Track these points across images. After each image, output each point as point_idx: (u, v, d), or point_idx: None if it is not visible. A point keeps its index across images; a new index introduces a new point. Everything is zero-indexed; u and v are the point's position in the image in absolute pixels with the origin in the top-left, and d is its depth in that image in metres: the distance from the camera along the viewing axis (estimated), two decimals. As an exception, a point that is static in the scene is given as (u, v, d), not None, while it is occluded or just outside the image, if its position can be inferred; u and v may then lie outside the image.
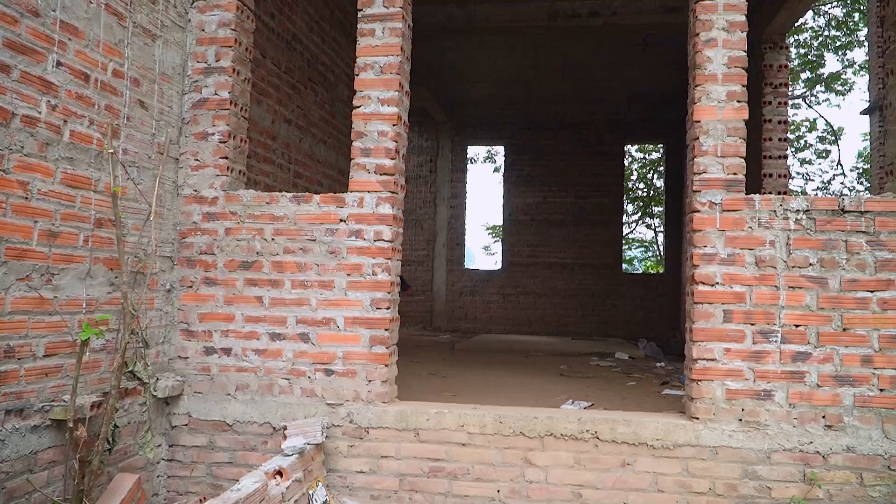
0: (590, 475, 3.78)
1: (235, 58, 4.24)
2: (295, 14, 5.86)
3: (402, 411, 3.96)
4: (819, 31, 15.83)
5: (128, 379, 3.59)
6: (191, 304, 4.15)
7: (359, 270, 4.03)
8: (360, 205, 4.06)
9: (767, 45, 7.13)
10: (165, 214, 4.10)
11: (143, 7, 3.84)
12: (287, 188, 5.79)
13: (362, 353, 4.01)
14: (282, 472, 3.42)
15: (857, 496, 3.59)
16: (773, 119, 7.06)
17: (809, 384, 3.67)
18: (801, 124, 16.94)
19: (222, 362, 4.11)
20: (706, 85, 3.83)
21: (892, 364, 3.62)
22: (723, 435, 3.70)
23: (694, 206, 3.83)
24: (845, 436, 3.63)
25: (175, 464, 4.10)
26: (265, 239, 4.12)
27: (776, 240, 3.73)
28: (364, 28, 4.12)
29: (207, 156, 4.19)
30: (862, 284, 3.66)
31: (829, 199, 3.72)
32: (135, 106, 3.79)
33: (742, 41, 3.82)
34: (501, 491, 3.84)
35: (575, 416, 3.87)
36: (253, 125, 5.14)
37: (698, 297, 3.78)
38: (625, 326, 11.33)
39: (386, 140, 4.06)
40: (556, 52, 9.54)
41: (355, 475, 3.95)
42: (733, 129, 3.80)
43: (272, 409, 4.04)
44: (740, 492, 3.66)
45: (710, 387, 3.74)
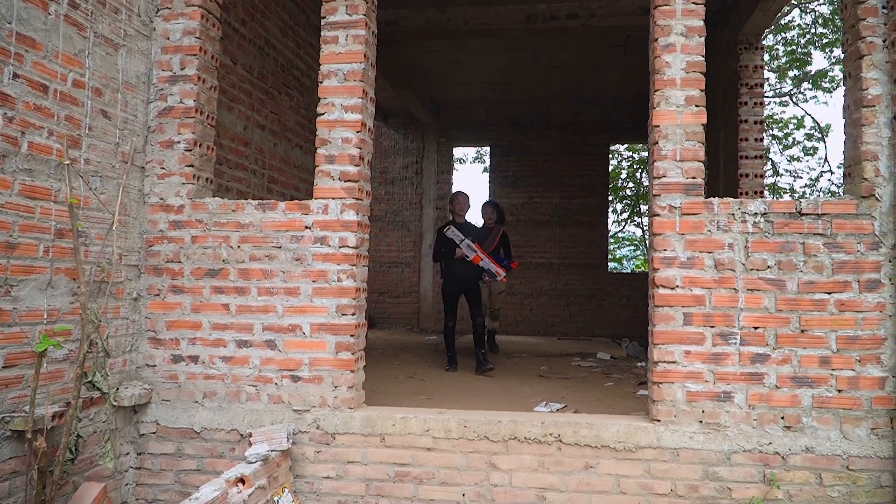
0: (553, 478, 3.81)
1: (201, 66, 4.26)
2: (268, 20, 5.88)
3: (368, 417, 3.98)
4: (806, 29, 15.85)
5: (88, 389, 3.61)
6: (158, 313, 4.17)
7: (324, 277, 4.05)
8: (325, 211, 4.08)
9: (743, 45, 7.16)
10: (131, 223, 4.11)
11: (104, 17, 3.86)
12: (261, 194, 5.82)
13: (328, 359, 4.03)
14: (244, 480, 3.44)
15: (817, 496, 3.62)
16: (750, 119, 7.09)
17: (768, 385, 3.70)
18: (788, 122, 16.98)
19: (190, 370, 4.13)
20: (665, 90, 3.86)
21: (850, 365, 3.65)
22: (684, 437, 3.73)
23: (654, 210, 3.86)
24: (804, 436, 3.66)
25: (143, 472, 4.12)
26: (231, 246, 4.14)
27: (735, 243, 3.76)
28: (327, 35, 4.14)
29: (173, 164, 4.21)
30: (819, 286, 3.69)
31: (786, 202, 3.76)
32: (97, 116, 3.80)
33: (700, 46, 3.85)
34: (466, 495, 3.87)
35: (538, 420, 3.90)
36: (224, 131, 5.17)
37: (659, 301, 3.81)
38: (611, 326, 11.36)
39: (350, 147, 4.08)
40: (539, 54, 9.56)
41: (322, 481, 3.97)
42: (692, 133, 3.83)
43: (239, 416, 4.06)
44: (701, 493, 3.69)
45: (671, 389, 3.77)
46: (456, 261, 6.91)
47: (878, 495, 3.60)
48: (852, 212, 3.70)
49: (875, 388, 3.65)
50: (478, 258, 6.86)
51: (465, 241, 6.79)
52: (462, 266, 6.91)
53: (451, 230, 6.87)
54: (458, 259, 6.88)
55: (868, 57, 3.74)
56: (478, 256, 6.85)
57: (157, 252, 4.19)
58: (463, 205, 7.10)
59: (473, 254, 6.81)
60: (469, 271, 6.94)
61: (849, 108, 3.91)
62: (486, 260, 6.89)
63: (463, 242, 6.79)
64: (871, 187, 3.70)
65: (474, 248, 6.82)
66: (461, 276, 6.94)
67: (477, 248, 6.84)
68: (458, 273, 6.94)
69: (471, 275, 6.97)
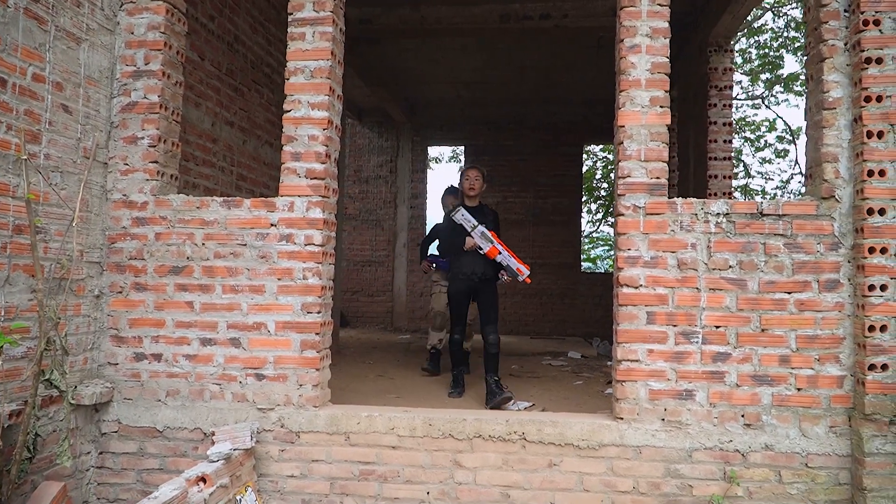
0: (517, 476, 3.82)
1: (165, 61, 4.21)
2: (237, 16, 5.84)
3: (333, 415, 3.97)
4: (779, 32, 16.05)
5: (46, 387, 3.56)
6: (120, 310, 4.13)
7: (289, 275, 4.03)
8: (291, 209, 4.05)
9: (713, 48, 7.23)
10: (93, 220, 4.06)
11: (66, 11, 3.80)
12: (230, 191, 5.77)
13: (293, 358, 4.01)
14: (205, 479, 3.41)
15: (776, 493, 3.67)
16: (718, 121, 7.16)
17: (729, 384, 3.74)
18: (761, 124, 17.19)
19: (153, 368, 4.09)
20: (630, 90, 3.89)
21: (809, 364, 3.70)
22: (646, 434, 3.76)
23: (618, 210, 3.89)
24: (764, 434, 3.71)
25: (105, 471, 4.07)
26: (196, 244, 4.10)
27: (697, 242, 3.80)
28: (294, 32, 4.12)
29: (137, 160, 4.16)
30: (780, 286, 3.74)
31: (747, 202, 3.80)
32: (57, 110, 3.75)
33: (665, 47, 3.88)
34: (431, 493, 3.87)
35: (503, 418, 3.91)
36: (191, 128, 5.12)
37: (622, 300, 3.83)
38: (583, 325, 11.42)
39: (316, 144, 4.06)
40: (514, 54, 9.58)
41: (286, 479, 3.95)
42: (656, 133, 3.86)
43: (203, 415, 4.03)
44: (663, 490, 3.72)
45: (634, 387, 3.80)
46: (465, 254, 5.56)
47: (836, 492, 3.66)
48: (812, 213, 3.75)
49: (834, 386, 3.71)
50: (494, 250, 5.46)
51: (478, 227, 5.50)
52: (474, 260, 5.56)
53: (461, 213, 5.58)
54: (468, 251, 5.54)
55: (829, 60, 3.79)
56: (495, 248, 5.46)
57: (120, 249, 4.14)
58: (474, 181, 5.69)
59: (489, 245, 5.47)
60: (483, 267, 5.56)
61: (810, 110, 3.96)
62: (505, 253, 5.47)
63: (476, 230, 5.50)
64: (831, 189, 3.75)
65: (490, 238, 5.46)
66: (472, 273, 5.57)
67: (494, 238, 5.48)
68: (469, 270, 5.58)
69: (485, 272, 5.57)
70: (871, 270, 3.60)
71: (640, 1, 3.89)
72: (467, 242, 5.50)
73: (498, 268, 5.55)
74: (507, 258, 5.42)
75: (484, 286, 5.60)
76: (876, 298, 3.59)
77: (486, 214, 5.71)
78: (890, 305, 3.59)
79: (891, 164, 3.63)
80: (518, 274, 5.39)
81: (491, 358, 5.34)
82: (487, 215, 5.73)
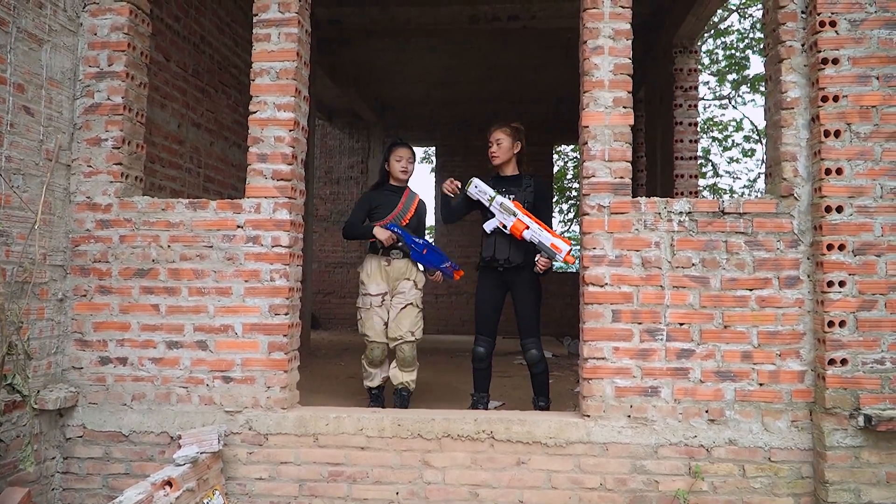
0: (486, 474, 3.84)
1: (129, 62, 4.17)
2: (203, 17, 5.80)
3: (301, 417, 3.96)
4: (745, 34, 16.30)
5: (8, 392, 3.51)
6: (85, 314, 4.08)
7: (256, 276, 4.02)
8: (258, 210, 4.04)
9: (678, 49, 7.33)
10: (56, 222, 4.01)
11: (28, 12, 3.76)
12: (197, 193, 5.73)
13: (261, 360, 4.00)
14: (171, 483, 3.38)
15: (740, 487, 3.73)
16: (684, 121, 7.27)
17: (693, 380, 3.80)
18: (728, 124, 17.45)
19: (118, 372, 4.05)
20: (594, 91, 3.93)
21: (771, 359, 3.77)
22: (612, 431, 3.80)
23: (584, 209, 3.93)
24: (727, 429, 3.77)
25: (70, 476, 4.02)
26: (161, 246, 4.07)
27: (661, 241, 3.85)
28: (259, 33, 4.10)
29: (100, 162, 4.11)
30: (741, 283, 3.81)
31: (709, 201, 3.86)
32: (19, 112, 3.70)
33: (627, 49, 3.92)
34: (400, 493, 3.88)
35: (472, 417, 3.93)
36: (157, 129, 5.08)
37: (588, 298, 3.87)
38: (555, 324, 11.47)
39: (283, 146, 4.05)
40: (483, 54, 9.63)
41: (255, 482, 3.93)
42: (620, 134, 3.91)
43: (170, 418, 4.00)
44: (629, 486, 3.77)
45: (601, 385, 3.84)
46: (490, 235, 4.52)
47: (798, 486, 3.72)
48: (772, 211, 3.82)
49: (795, 381, 3.78)
50: (520, 226, 4.33)
51: (496, 198, 4.42)
52: (498, 243, 4.48)
53: (473, 184, 4.55)
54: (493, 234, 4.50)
55: (787, 61, 3.86)
56: (519, 223, 4.33)
57: (84, 252, 4.10)
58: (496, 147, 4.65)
59: (512, 219, 4.35)
60: (508, 251, 4.46)
61: (769, 110, 4.04)
62: (535, 227, 4.34)
63: (494, 201, 4.42)
64: (790, 187, 3.83)
65: (514, 209, 4.37)
66: (493, 260, 4.51)
67: (519, 210, 4.38)
68: (490, 255, 4.51)
69: (512, 258, 4.48)
70: (830, 267, 3.68)
71: (603, 3, 3.94)
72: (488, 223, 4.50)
73: (535, 252, 4.41)
74: (537, 233, 4.31)
75: (516, 278, 4.51)
76: (835, 294, 3.67)
77: (522, 184, 4.59)
78: (848, 301, 3.67)
79: (848, 163, 3.71)
80: (554, 251, 4.31)
81: (536, 378, 4.52)
82: (524, 185, 4.58)
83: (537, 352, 4.50)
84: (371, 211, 4.95)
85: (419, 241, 4.83)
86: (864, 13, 3.75)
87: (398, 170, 4.94)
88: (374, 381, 4.99)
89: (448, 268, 4.92)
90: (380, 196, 4.99)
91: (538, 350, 4.51)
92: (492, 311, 4.65)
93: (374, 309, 4.83)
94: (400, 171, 4.95)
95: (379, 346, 4.86)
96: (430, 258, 4.82)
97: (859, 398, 3.62)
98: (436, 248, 4.89)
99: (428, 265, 4.89)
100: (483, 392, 4.71)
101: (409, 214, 4.94)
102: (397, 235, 4.79)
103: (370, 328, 4.84)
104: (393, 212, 4.88)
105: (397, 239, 4.80)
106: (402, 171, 4.95)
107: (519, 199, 4.50)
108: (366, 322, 4.86)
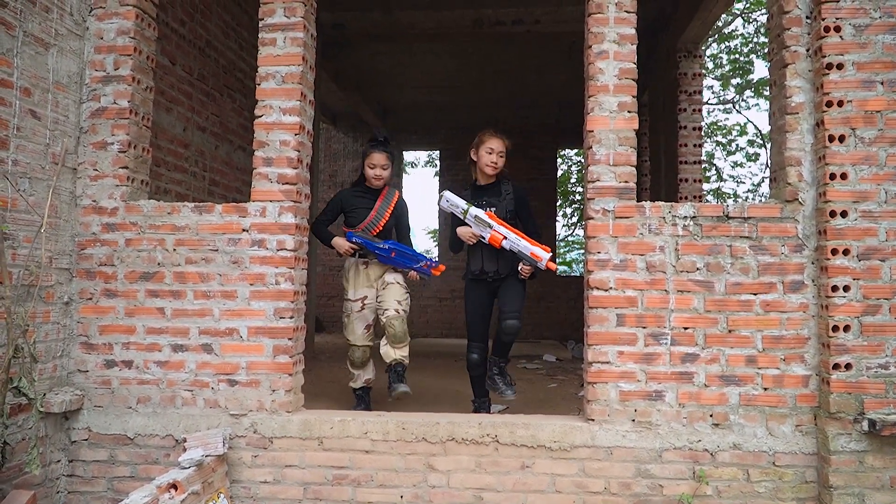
0: (490, 478, 3.85)
1: (135, 66, 4.19)
2: (209, 20, 5.82)
3: (305, 420, 3.97)
4: (749, 38, 16.30)
5: (14, 395, 3.52)
6: (90, 317, 4.09)
7: (262, 280, 4.03)
8: (263, 214, 4.05)
9: (682, 53, 7.34)
10: (62, 226, 4.03)
11: (34, 16, 3.78)
12: (202, 197, 5.75)
13: (266, 363, 4.00)
14: (176, 485, 3.39)
15: (745, 492, 3.73)
16: (688, 125, 7.27)
17: (697, 384, 3.80)
18: (732, 128, 17.43)
19: (123, 375, 4.06)
20: (598, 96, 3.94)
21: (775, 364, 3.77)
22: (617, 435, 3.80)
23: (588, 213, 3.94)
24: (732, 433, 3.77)
25: (76, 479, 4.03)
26: (167, 249, 4.09)
27: (665, 245, 3.86)
28: (265, 38, 4.12)
29: (106, 166, 4.13)
30: (746, 287, 3.81)
31: (714, 205, 3.87)
32: (26, 116, 3.72)
33: (632, 53, 3.93)
34: (405, 497, 3.88)
35: (476, 421, 3.94)
36: (162, 133, 5.10)
37: (593, 302, 3.88)
38: (558, 328, 11.50)
39: (288, 150, 4.07)
40: (486, 58, 9.64)
41: (259, 485, 3.94)
42: (624, 138, 3.91)
43: (175, 422, 4.01)
44: (634, 490, 3.77)
45: (605, 389, 3.85)
46: (475, 248, 4.51)
47: (803, 490, 3.72)
48: (777, 215, 3.83)
49: (799, 386, 3.78)
50: (496, 238, 4.30)
51: (470, 210, 4.38)
52: (485, 255, 4.49)
53: (444, 197, 4.53)
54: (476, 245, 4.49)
55: (792, 66, 3.87)
56: (497, 234, 4.31)
57: (90, 255, 4.11)
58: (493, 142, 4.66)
59: (488, 231, 4.33)
60: (497, 263, 4.48)
61: (774, 115, 4.04)
62: (512, 237, 4.29)
63: (469, 214, 4.38)
64: (794, 192, 3.83)
65: (488, 221, 4.33)
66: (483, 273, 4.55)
67: (493, 220, 4.34)
68: (478, 268, 4.55)
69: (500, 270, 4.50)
70: (835, 272, 3.68)
71: (608, 7, 3.95)
72: (462, 234, 4.47)
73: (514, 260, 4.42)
74: (515, 243, 4.27)
75: (502, 283, 4.54)
76: (839, 299, 3.67)
77: (500, 192, 4.54)
78: (852, 306, 3.67)
79: (852, 168, 3.71)
80: (534, 260, 4.24)
81: (503, 345, 4.58)
82: (503, 193, 4.53)
83: (517, 322, 4.42)
84: (346, 213, 4.88)
85: (383, 246, 4.67)
86: (869, 18, 3.76)
87: (371, 177, 4.80)
88: (357, 382, 4.98)
89: (424, 266, 4.73)
90: (353, 199, 4.87)
91: (516, 321, 4.41)
92: (482, 318, 4.69)
93: (355, 314, 4.89)
94: (373, 178, 4.80)
95: (360, 349, 4.90)
96: (399, 260, 4.70)
97: (864, 403, 3.62)
98: (405, 249, 4.73)
99: (399, 266, 4.80)
100: (483, 397, 4.82)
101: (383, 220, 4.80)
102: (357, 245, 4.74)
103: (351, 332, 4.92)
104: (366, 219, 4.79)
105: (360, 247, 4.75)
106: (375, 178, 4.80)
107: (500, 210, 4.50)
108: (347, 326, 4.93)
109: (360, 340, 4.90)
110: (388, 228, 4.85)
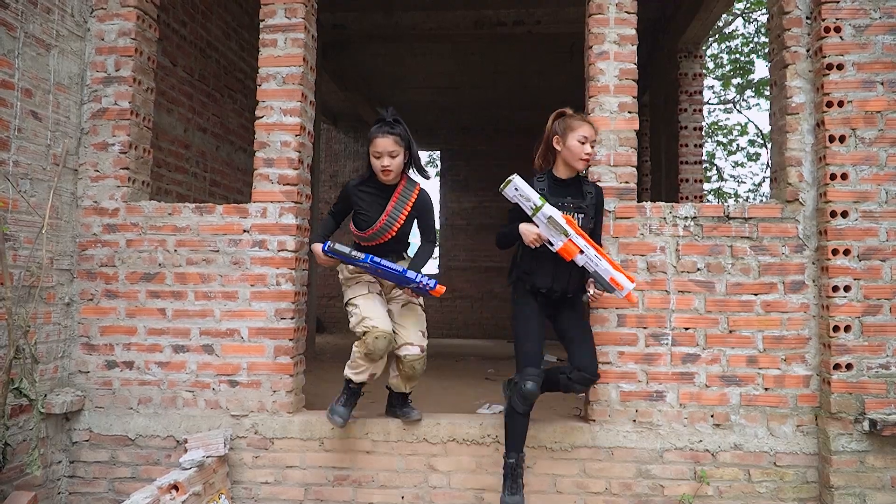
0: (491, 479, 3.84)
1: (136, 67, 4.20)
2: (209, 21, 5.83)
3: (306, 421, 3.97)
4: (749, 38, 16.30)
5: (15, 396, 3.52)
6: (91, 318, 4.09)
7: (263, 281, 4.03)
8: (264, 215, 4.05)
9: (682, 54, 7.33)
10: (63, 227, 4.03)
11: (35, 17, 3.78)
12: (203, 197, 5.75)
13: (267, 364, 4.01)
14: (177, 486, 3.39)
15: (746, 492, 3.73)
16: (689, 126, 7.26)
17: (698, 384, 3.80)
18: (733, 128, 17.43)
19: (124, 376, 4.06)
20: (599, 96, 3.95)
21: (776, 364, 3.77)
22: (618, 436, 3.80)
23: (589, 214, 3.93)
24: (732, 434, 3.77)
25: (77, 480, 4.04)
26: (168, 250, 4.09)
27: (666, 246, 3.86)
28: (266, 38, 4.12)
29: (108, 166, 4.14)
30: (746, 288, 3.81)
31: (714, 206, 3.87)
32: (27, 117, 3.72)
33: (632, 54, 3.93)
34: (406, 497, 3.88)
35: (477, 421, 3.94)
36: (163, 134, 5.10)
37: (593, 303, 3.87)
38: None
39: (289, 150, 4.07)
40: (487, 59, 9.64)
41: (260, 486, 3.94)
42: (625, 139, 3.91)
43: (176, 422, 4.01)
44: (635, 490, 3.77)
45: (606, 389, 3.85)
46: (536, 255, 3.54)
47: (804, 490, 3.72)
48: (777, 216, 3.83)
49: (800, 386, 3.78)
50: (571, 248, 3.39)
51: (543, 208, 3.40)
52: (552, 267, 3.52)
53: (513, 184, 3.46)
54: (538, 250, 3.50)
55: (792, 66, 3.87)
56: (571, 245, 3.39)
57: (91, 256, 4.12)
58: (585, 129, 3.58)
59: (562, 239, 3.40)
60: (567, 281, 3.55)
61: (775, 115, 4.04)
62: (591, 253, 3.40)
63: (540, 212, 3.40)
64: (795, 192, 3.83)
65: (565, 227, 3.38)
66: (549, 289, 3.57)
67: (572, 228, 3.39)
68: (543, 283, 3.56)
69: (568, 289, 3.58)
70: (835, 272, 3.68)
71: (608, 8, 3.95)
72: (525, 233, 3.45)
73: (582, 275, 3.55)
74: (594, 262, 3.40)
75: (565, 302, 3.67)
76: (840, 299, 3.67)
77: (583, 194, 3.60)
78: (853, 306, 3.67)
79: (852, 168, 3.71)
80: (613, 287, 3.40)
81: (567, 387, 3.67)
82: (585, 194, 3.60)
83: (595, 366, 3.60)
84: (354, 212, 3.86)
85: (363, 261, 3.62)
86: (869, 19, 3.76)
87: (378, 169, 3.68)
88: (362, 375, 3.72)
89: (421, 286, 3.65)
90: (361, 197, 3.80)
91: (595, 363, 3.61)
92: (539, 340, 3.64)
93: (374, 295, 3.76)
94: (381, 171, 3.67)
95: (385, 338, 3.58)
96: (388, 276, 3.66)
97: (865, 403, 3.62)
98: (390, 268, 3.61)
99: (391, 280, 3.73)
100: (520, 451, 3.56)
101: (397, 224, 3.74)
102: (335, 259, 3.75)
103: (375, 314, 3.63)
104: (375, 224, 3.73)
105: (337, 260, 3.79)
106: (383, 171, 3.67)
107: (586, 218, 3.57)
108: (365, 308, 3.65)
109: (383, 322, 3.62)
110: (405, 233, 3.84)
